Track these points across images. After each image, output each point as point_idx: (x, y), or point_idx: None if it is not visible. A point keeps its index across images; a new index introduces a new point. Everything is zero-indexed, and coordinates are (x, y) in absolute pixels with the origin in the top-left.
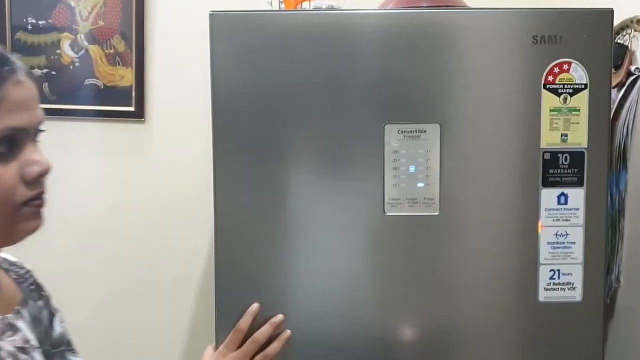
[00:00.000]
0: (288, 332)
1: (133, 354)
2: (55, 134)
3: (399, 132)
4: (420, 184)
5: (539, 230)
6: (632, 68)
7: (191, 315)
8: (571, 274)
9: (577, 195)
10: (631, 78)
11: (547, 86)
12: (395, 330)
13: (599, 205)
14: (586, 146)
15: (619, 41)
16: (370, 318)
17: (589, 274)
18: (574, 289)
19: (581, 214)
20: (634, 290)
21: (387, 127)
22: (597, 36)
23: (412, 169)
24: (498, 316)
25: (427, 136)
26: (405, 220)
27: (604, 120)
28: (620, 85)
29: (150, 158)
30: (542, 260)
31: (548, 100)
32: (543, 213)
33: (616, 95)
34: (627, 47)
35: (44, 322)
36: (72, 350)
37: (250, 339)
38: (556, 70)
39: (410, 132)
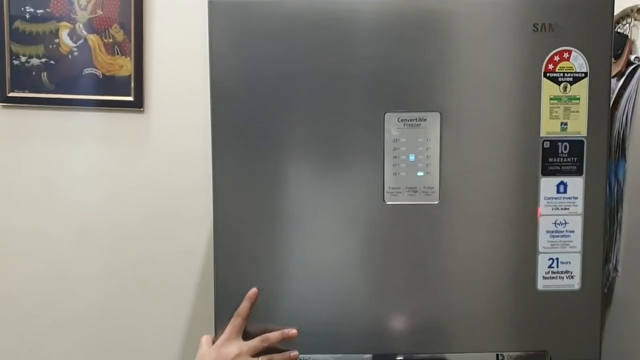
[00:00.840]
0: (296, 352)
1: (131, 344)
2: (54, 123)
3: (399, 120)
4: (420, 173)
5: (539, 219)
6: (632, 57)
7: (190, 305)
8: (570, 263)
9: (576, 184)
10: (631, 67)
11: (548, 74)
12: (394, 318)
13: (598, 194)
14: (586, 135)
15: (619, 30)
16: (370, 307)
17: (587, 262)
18: (572, 277)
19: (580, 202)
20: (632, 280)
21: (387, 115)
22: (597, 25)
23: (412, 157)
24: (497, 304)
25: (427, 124)
26: (405, 209)
27: (604, 109)
28: (620, 75)
29: (149, 148)
30: (540, 248)
31: (548, 88)
32: (542, 202)
33: (616, 85)
34: (627, 36)
35: None
36: None
37: (262, 337)
38: (556, 58)
39: (411, 120)
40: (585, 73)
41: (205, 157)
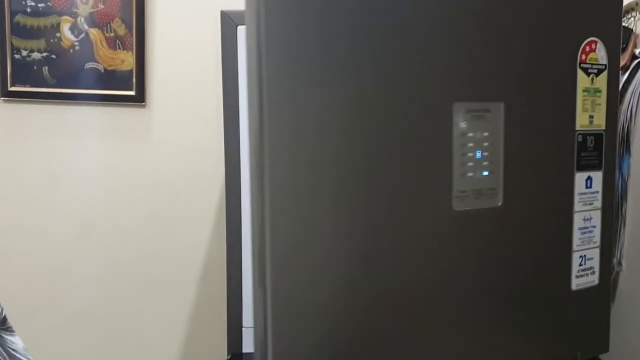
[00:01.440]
0: None
1: (135, 340)
2: (55, 118)
3: (467, 111)
4: (485, 172)
5: (574, 216)
6: (637, 51)
7: (192, 302)
8: (592, 259)
9: (598, 178)
10: (635, 61)
11: (581, 65)
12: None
13: (611, 187)
14: (604, 128)
15: (623, 24)
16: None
17: (603, 257)
18: (594, 273)
19: (600, 196)
20: (635, 274)
21: (455, 105)
22: (607, 17)
23: (478, 154)
24: (539, 309)
25: (491, 117)
26: (471, 216)
27: (616, 102)
28: (624, 68)
29: (151, 142)
30: (574, 247)
31: (581, 80)
32: (576, 197)
33: (620, 78)
34: (632, 30)
35: None
36: (8, 329)
37: None
38: (587, 49)
39: (477, 111)
40: (606, 65)
41: (207, 151)
